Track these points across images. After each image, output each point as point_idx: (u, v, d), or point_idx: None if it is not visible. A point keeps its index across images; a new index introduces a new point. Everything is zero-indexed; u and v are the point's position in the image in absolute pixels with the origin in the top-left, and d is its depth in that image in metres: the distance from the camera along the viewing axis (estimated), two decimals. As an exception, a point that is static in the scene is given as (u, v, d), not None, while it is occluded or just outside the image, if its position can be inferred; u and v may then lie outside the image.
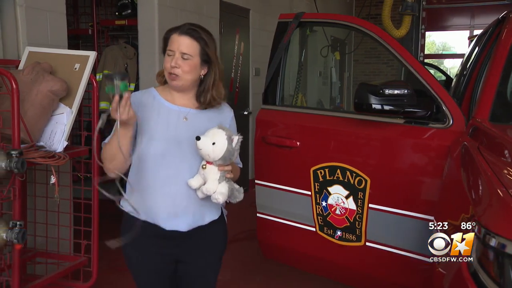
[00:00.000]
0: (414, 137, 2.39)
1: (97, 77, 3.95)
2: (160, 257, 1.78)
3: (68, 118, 2.38)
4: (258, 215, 2.94)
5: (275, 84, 2.86)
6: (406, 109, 2.29)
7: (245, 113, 5.54)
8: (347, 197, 2.53)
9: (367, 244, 2.51)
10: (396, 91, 2.26)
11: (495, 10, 7.22)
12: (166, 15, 4.03)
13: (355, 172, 2.48)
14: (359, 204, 2.49)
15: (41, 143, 2.33)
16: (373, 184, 2.44)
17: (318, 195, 2.63)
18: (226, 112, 1.86)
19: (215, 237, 1.85)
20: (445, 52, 17.20)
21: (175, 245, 1.77)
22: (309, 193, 2.66)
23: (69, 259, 2.61)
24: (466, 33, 9.80)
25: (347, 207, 2.54)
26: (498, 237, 1.26)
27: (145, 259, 1.79)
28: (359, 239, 2.53)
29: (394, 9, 6.30)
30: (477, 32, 5.37)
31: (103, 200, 1.79)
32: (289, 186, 2.75)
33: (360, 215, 2.50)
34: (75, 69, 2.46)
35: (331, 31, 7.02)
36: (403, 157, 2.46)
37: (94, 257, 2.57)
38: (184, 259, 1.81)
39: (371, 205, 2.46)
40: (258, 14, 5.72)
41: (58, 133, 2.36)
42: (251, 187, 4.00)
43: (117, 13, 4.45)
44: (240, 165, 1.89)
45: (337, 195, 2.56)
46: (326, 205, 2.61)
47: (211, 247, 1.85)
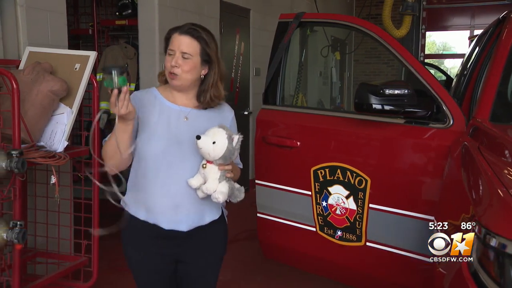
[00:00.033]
0: (414, 137, 2.39)
1: (97, 77, 3.94)
2: (161, 257, 1.78)
3: (68, 118, 2.38)
4: (258, 215, 2.94)
5: (275, 84, 2.86)
6: (406, 109, 2.29)
7: (246, 113, 5.53)
8: (347, 197, 2.53)
9: (368, 244, 2.51)
10: (396, 91, 2.26)
11: (496, 10, 7.22)
12: (167, 15, 4.03)
13: (355, 172, 2.48)
14: (359, 204, 2.49)
15: (42, 143, 2.33)
16: (373, 184, 2.44)
17: (318, 195, 2.63)
18: (226, 112, 1.86)
19: (216, 237, 1.85)
20: (445, 52, 17.18)
21: (175, 245, 1.77)
22: (309, 193, 2.66)
23: (69, 259, 2.61)
24: (467, 33, 9.79)
25: (347, 207, 2.54)
26: (499, 237, 1.26)
27: (145, 259, 1.79)
28: (359, 239, 2.53)
29: (394, 9, 6.31)
30: (477, 32, 5.37)
31: (103, 200, 1.78)
32: (289, 186, 2.75)
33: (360, 215, 2.50)
34: (76, 69, 2.46)
35: (331, 31, 7.02)
36: (404, 157, 2.46)
37: (94, 257, 2.56)
38: (185, 259, 1.81)
39: (371, 205, 2.46)
40: (259, 14, 5.71)
41: (58, 133, 2.36)
42: (252, 187, 4.00)
43: (117, 13, 4.45)
44: (241, 165, 1.89)
45: (338, 195, 2.56)
46: (327, 205, 2.61)
47: (212, 247, 1.84)
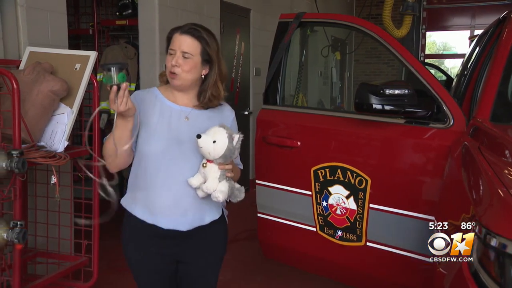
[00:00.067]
0: (414, 137, 2.39)
1: (97, 77, 3.94)
2: (161, 257, 1.78)
3: (68, 118, 2.38)
4: (258, 215, 2.94)
5: (275, 84, 2.86)
6: (406, 109, 2.29)
7: (246, 113, 5.53)
8: (347, 197, 2.53)
9: (368, 244, 2.51)
10: (396, 91, 2.26)
11: (496, 10, 7.22)
12: (167, 15, 4.03)
13: (355, 172, 2.48)
14: (359, 204, 2.49)
15: (42, 143, 2.33)
16: (373, 184, 2.43)
17: (318, 195, 2.63)
18: (227, 113, 1.86)
19: (216, 237, 1.85)
20: (445, 52, 17.17)
21: (175, 244, 1.77)
22: (309, 193, 2.66)
23: (69, 259, 2.61)
24: (467, 33, 9.77)
25: (347, 207, 2.54)
26: (499, 237, 1.25)
27: (145, 259, 1.79)
28: (359, 239, 2.53)
29: (394, 9, 6.32)
30: (477, 32, 5.37)
31: (103, 200, 1.79)
32: (289, 186, 2.75)
33: (360, 215, 2.50)
34: (76, 69, 2.46)
35: (331, 31, 7.02)
36: (404, 157, 2.46)
37: (94, 257, 2.57)
38: (185, 259, 1.81)
39: (371, 205, 2.46)
40: (259, 14, 5.71)
41: (58, 133, 2.36)
42: (252, 187, 4.00)
43: (117, 13, 4.45)
44: (241, 166, 1.89)
45: (338, 195, 2.56)
46: (327, 205, 2.61)
47: (212, 247, 1.84)
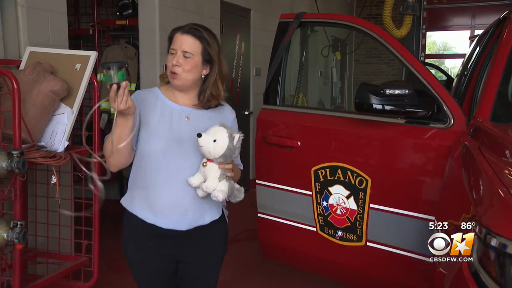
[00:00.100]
0: (415, 137, 2.39)
1: (98, 77, 3.95)
2: (160, 257, 1.78)
3: (69, 118, 2.39)
4: (259, 215, 2.94)
5: (276, 84, 2.86)
6: (407, 109, 2.29)
7: (246, 113, 5.53)
8: (348, 197, 2.53)
9: (368, 244, 2.51)
10: (397, 91, 2.26)
11: (496, 10, 7.21)
12: (167, 15, 4.03)
13: (356, 172, 2.48)
14: (360, 204, 2.49)
15: (42, 143, 2.33)
16: (374, 184, 2.43)
17: (319, 195, 2.63)
18: (228, 113, 1.86)
19: (216, 237, 1.85)
20: (446, 52, 17.17)
21: (175, 244, 1.77)
22: (310, 193, 2.66)
23: (70, 259, 2.61)
24: (467, 33, 9.78)
25: (348, 207, 2.54)
26: (499, 237, 1.25)
27: (145, 259, 1.79)
28: (360, 239, 2.53)
29: (395, 9, 6.31)
30: (478, 32, 5.37)
31: (104, 200, 1.79)
32: (290, 186, 2.75)
33: (361, 215, 2.50)
34: (76, 69, 2.46)
35: (332, 31, 7.02)
36: (404, 157, 2.46)
37: (95, 257, 2.57)
38: (185, 259, 1.81)
39: (372, 205, 2.45)
40: (259, 14, 5.72)
41: (59, 133, 2.36)
42: (252, 187, 4.00)
43: (118, 13, 4.45)
44: (241, 166, 1.89)
45: (338, 195, 2.56)
46: (327, 205, 2.61)
47: (212, 247, 1.84)
